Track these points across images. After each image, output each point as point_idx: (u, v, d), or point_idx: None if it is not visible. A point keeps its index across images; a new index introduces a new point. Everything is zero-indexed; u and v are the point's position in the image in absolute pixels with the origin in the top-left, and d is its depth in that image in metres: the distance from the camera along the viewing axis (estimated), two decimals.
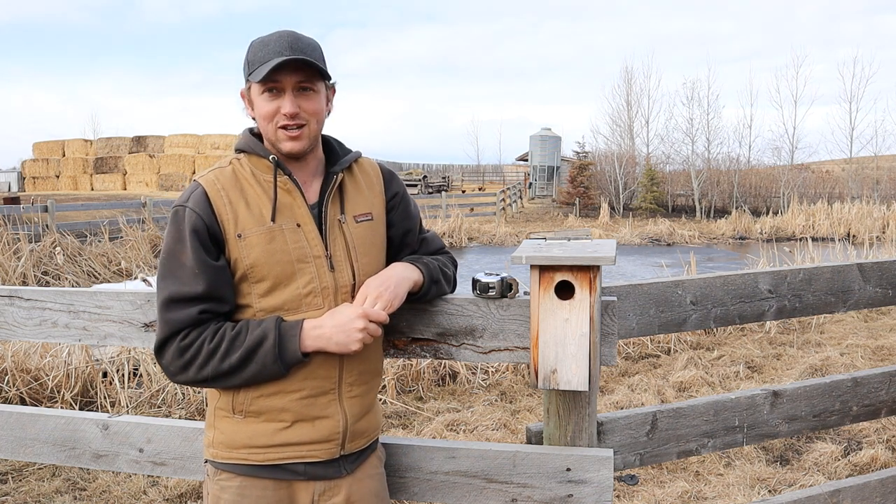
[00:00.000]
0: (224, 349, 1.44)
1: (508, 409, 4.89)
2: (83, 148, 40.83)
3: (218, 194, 1.50)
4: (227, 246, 1.49)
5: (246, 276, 1.50)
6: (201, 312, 1.46)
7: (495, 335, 1.74)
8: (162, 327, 1.47)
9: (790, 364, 5.95)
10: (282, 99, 1.50)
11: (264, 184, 1.54)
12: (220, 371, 1.45)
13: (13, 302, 2.00)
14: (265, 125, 1.52)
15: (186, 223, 1.47)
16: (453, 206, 20.98)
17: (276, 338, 1.44)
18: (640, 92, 38.09)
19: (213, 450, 1.57)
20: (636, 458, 1.88)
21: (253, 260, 1.49)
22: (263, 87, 1.49)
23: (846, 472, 3.82)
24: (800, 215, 22.56)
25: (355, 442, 1.59)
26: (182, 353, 1.45)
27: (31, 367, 4.88)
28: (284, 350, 1.45)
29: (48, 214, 13.16)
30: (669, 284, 1.84)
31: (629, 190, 29.72)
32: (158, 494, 3.57)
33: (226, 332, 1.46)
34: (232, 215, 1.50)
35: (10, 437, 2.05)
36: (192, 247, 1.46)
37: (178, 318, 1.45)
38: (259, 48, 1.49)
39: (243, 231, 1.49)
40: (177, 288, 1.46)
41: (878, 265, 2.11)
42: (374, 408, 1.66)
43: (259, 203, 1.52)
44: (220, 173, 1.54)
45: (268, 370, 1.46)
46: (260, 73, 1.46)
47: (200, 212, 1.48)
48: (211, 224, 1.48)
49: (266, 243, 1.49)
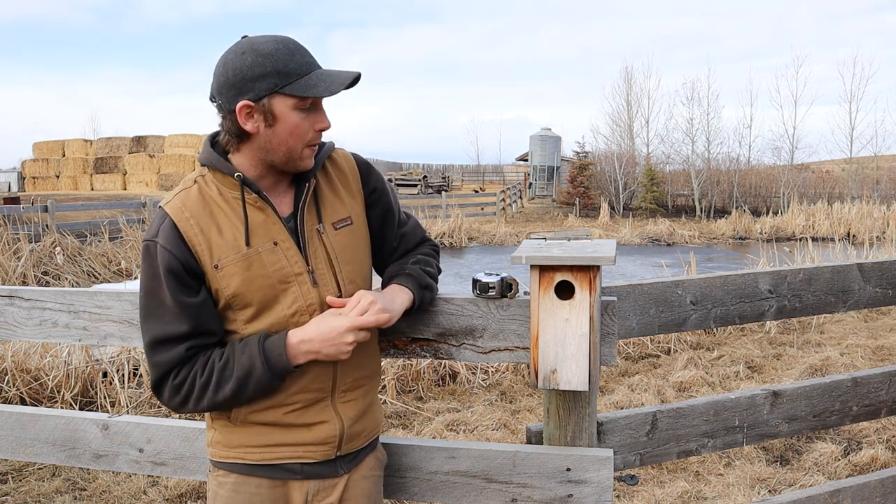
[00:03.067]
0: (215, 382, 1.42)
1: (508, 409, 4.89)
2: (83, 148, 40.82)
3: (187, 223, 1.43)
4: (206, 277, 1.44)
5: (229, 304, 1.46)
6: (188, 349, 1.43)
7: (495, 335, 1.74)
8: (153, 370, 1.45)
9: (790, 364, 5.95)
10: (314, 114, 1.43)
11: (233, 202, 1.46)
12: (217, 402, 1.44)
13: (13, 302, 2.00)
14: (292, 142, 1.42)
15: (160, 261, 1.41)
16: (453, 206, 20.99)
17: (264, 362, 1.41)
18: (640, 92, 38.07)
19: (212, 448, 1.58)
20: (636, 458, 1.88)
21: (234, 290, 1.44)
22: (303, 104, 1.40)
23: (846, 472, 3.82)
24: (800, 215, 22.56)
25: (353, 442, 1.58)
26: (177, 390, 1.44)
27: (31, 367, 4.88)
28: (275, 370, 1.42)
29: (48, 214, 13.16)
30: (669, 284, 1.84)
31: (629, 190, 29.71)
32: (158, 494, 3.57)
33: (214, 364, 1.43)
34: (206, 245, 1.43)
35: (10, 437, 2.05)
36: (169, 287, 1.40)
37: (166, 359, 1.43)
38: (286, 59, 1.38)
39: (220, 261, 1.43)
40: (160, 329, 1.42)
41: (878, 265, 2.11)
42: (372, 407, 1.65)
43: (231, 227, 1.44)
44: (186, 198, 1.46)
45: (266, 389, 1.45)
46: (316, 88, 1.38)
47: (173, 249, 1.41)
48: (186, 260, 1.42)
49: (244, 271, 1.43)
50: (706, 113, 31.72)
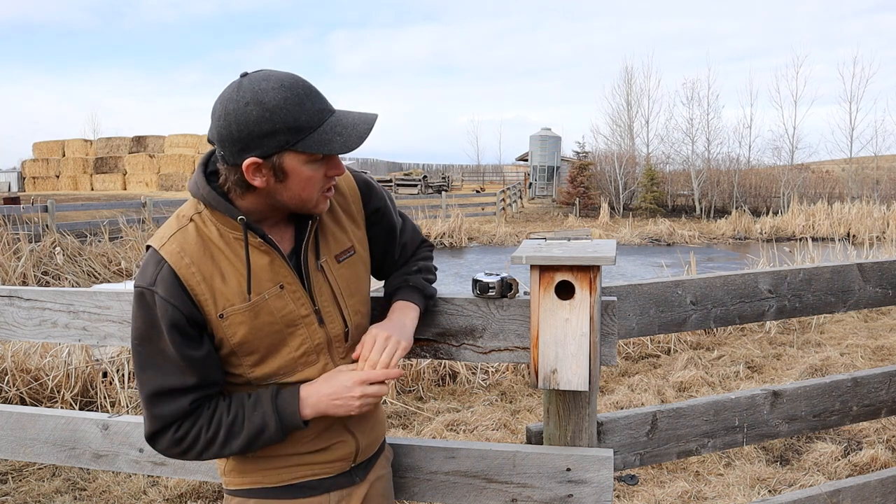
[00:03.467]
0: (223, 437, 1.37)
1: (508, 409, 4.89)
2: (83, 148, 40.85)
3: (188, 270, 1.32)
4: (210, 326, 1.36)
5: (234, 351, 1.39)
6: (192, 402, 1.35)
7: (495, 335, 1.74)
8: (151, 421, 1.35)
9: (790, 364, 5.95)
10: (329, 162, 1.34)
11: (234, 244, 1.36)
12: (222, 455, 1.39)
13: (13, 302, 2.00)
14: (306, 194, 1.34)
15: (160, 314, 1.31)
16: (453, 206, 20.99)
17: (277, 421, 1.37)
18: (640, 92, 38.12)
19: (226, 477, 1.53)
20: (636, 458, 1.88)
21: (240, 338, 1.37)
22: (316, 156, 1.30)
23: (846, 472, 3.82)
24: (800, 215, 22.56)
25: (366, 452, 1.58)
26: (178, 443, 1.37)
27: (31, 367, 4.88)
28: (287, 428, 1.39)
29: (48, 214, 13.17)
30: (669, 284, 1.84)
31: (629, 190, 29.71)
32: (158, 494, 3.57)
33: (222, 419, 1.37)
34: (209, 293, 1.33)
35: (10, 437, 2.05)
36: (172, 341, 1.31)
37: (168, 412, 1.34)
38: (297, 112, 1.25)
39: (224, 310, 1.34)
40: (161, 381, 1.33)
41: (878, 265, 2.11)
42: (379, 414, 1.65)
43: (235, 273, 1.35)
44: (183, 240, 1.34)
45: (274, 444, 1.42)
46: (325, 144, 1.27)
47: (175, 301, 1.30)
48: (189, 312, 1.32)
49: (252, 320, 1.36)
50: (706, 113, 31.79)
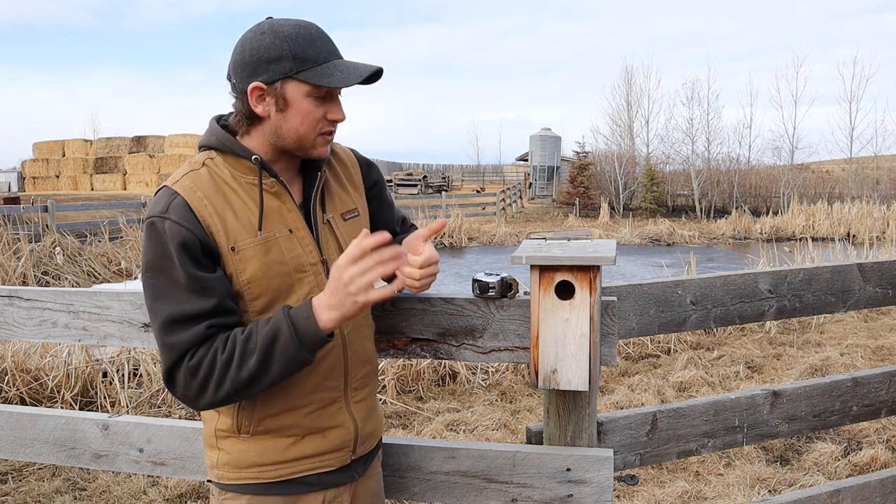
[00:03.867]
0: (238, 356, 1.28)
1: (508, 409, 4.89)
2: (83, 148, 40.83)
3: (201, 203, 1.33)
4: (223, 260, 1.35)
5: (241, 293, 1.36)
6: (209, 328, 1.30)
7: (495, 335, 1.74)
8: (166, 353, 1.30)
9: (790, 364, 5.95)
10: (330, 103, 1.38)
11: (247, 187, 1.39)
12: (241, 381, 1.29)
13: (13, 302, 2.00)
14: (305, 129, 1.37)
15: (170, 237, 1.29)
16: (453, 206, 21.00)
17: (291, 326, 1.28)
18: (640, 92, 38.13)
19: (217, 471, 1.46)
20: (636, 458, 1.88)
21: (250, 275, 1.35)
22: (317, 91, 1.35)
23: (846, 472, 3.82)
24: (800, 215, 22.56)
25: (365, 444, 1.57)
26: (194, 373, 1.29)
27: (31, 367, 4.89)
28: (303, 336, 1.28)
29: (48, 214, 13.16)
30: (669, 284, 1.84)
31: (629, 190, 29.71)
32: (158, 494, 3.57)
33: (237, 338, 1.30)
34: (221, 225, 1.34)
35: (10, 437, 2.05)
36: (182, 263, 1.29)
37: (184, 339, 1.29)
38: (305, 44, 1.33)
39: (236, 244, 1.34)
40: (174, 308, 1.29)
41: (878, 265, 2.11)
42: (376, 407, 1.65)
43: (246, 211, 1.37)
44: (195, 178, 1.37)
45: (293, 364, 1.30)
46: (332, 77, 1.32)
47: (186, 224, 1.30)
48: (202, 237, 1.31)
49: (263, 255, 1.36)
50: (706, 113, 31.76)
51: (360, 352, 1.53)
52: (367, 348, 1.56)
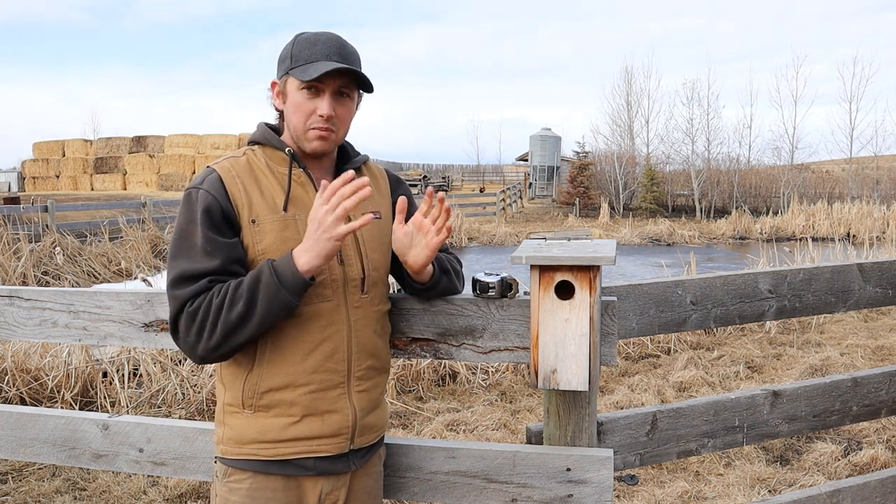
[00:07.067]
0: (229, 300, 1.42)
1: (508, 409, 4.89)
2: (83, 148, 40.83)
3: (233, 180, 1.51)
4: (242, 231, 1.50)
5: (255, 262, 1.49)
6: (210, 282, 1.45)
7: (495, 335, 1.74)
8: (172, 303, 1.46)
9: (790, 364, 5.95)
10: (320, 99, 1.52)
11: (278, 175, 1.56)
12: (230, 323, 1.41)
13: (13, 302, 2.00)
14: (297, 121, 1.53)
15: (199, 203, 1.47)
16: (454, 206, 21.00)
17: (271, 269, 1.42)
18: (640, 92, 38.05)
19: (222, 446, 1.56)
20: (636, 458, 1.88)
21: (265, 246, 1.49)
22: (304, 86, 1.51)
23: (846, 472, 3.82)
24: (800, 215, 22.57)
25: (365, 437, 1.60)
26: (193, 318, 1.43)
27: (31, 367, 4.88)
28: (283, 276, 1.41)
29: (48, 214, 13.16)
30: (669, 284, 1.84)
31: (629, 190, 29.71)
32: (158, 494, 3.57)
33: (229, 286, 1.44)
34: (246, 201, 1.50)
35: (10, 437, 2.05)
36: (202, 225, 1.46)
37: (187, 291, 1.44)
38: (306, 46, 1.51)
39: (257, 217, 1.50)
40: (187, 265, 1.45)
41: (878, 265, 2.11)
42: (382, 404, 1.67)
43: (273, 192, 1.53)
44: (234, 162, 1.56)
45: (276, 303, 1.41)
46: (306, 72, 1.48)
47: (214, 193, 1.48)
48: (225, 206, 1.48)
49: (280, 230, 1.50)
50: (706, 113, 31.76)
51: (365, 342, 1.58)
52: (374, 341, 1.60)
